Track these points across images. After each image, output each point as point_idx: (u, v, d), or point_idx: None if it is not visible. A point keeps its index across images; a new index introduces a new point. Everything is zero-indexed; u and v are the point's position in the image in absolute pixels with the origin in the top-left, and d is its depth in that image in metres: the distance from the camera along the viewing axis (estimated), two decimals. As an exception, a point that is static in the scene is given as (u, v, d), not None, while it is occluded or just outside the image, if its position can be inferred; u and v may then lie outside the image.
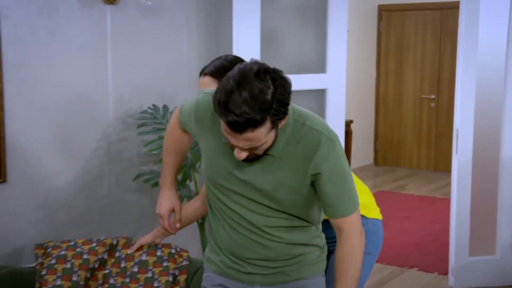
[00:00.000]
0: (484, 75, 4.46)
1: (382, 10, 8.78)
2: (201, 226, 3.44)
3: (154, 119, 3.34)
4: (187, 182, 3.37)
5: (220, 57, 2.50)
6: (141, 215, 3.53)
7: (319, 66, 4.02)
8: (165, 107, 3.41)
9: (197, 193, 3.39)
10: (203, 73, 2.48)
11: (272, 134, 1.86)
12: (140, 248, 2.69)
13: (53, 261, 2.58)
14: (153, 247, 2.70)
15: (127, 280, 2.67)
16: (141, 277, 2.67)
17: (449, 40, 8.28)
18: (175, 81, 3.63)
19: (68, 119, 3.12)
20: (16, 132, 2.89)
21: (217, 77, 2.43)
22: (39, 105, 2.99)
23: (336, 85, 4.03)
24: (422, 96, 8.66)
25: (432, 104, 8.59)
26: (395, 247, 5.58)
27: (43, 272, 2.55)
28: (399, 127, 8.87)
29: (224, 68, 2.42)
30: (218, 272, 2.18)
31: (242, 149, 1.89)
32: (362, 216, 2.40)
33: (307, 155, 1.96)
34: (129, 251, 2.69)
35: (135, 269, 2.67)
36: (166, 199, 2.34)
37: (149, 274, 2.66)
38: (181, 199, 3.20)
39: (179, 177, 3.30)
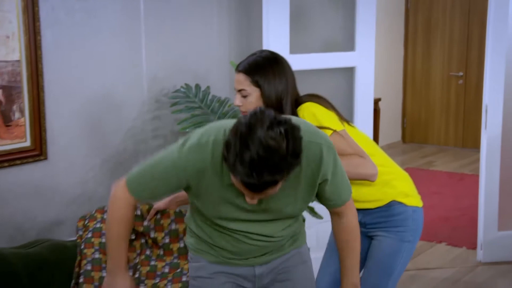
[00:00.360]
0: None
1: (410, -12, 8.65)
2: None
3: (186, 98, 3.35)
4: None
5: (254, 53, 2.42)
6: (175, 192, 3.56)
7: (348, 44, 3.99)
8: (197, 86, 3.42)
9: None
10: (237, 69, 2.39)
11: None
12: (167, 215, 2.68)
13: (90, 235, 2.59)
14: (178, 214, 2.69)
15: (161, 252, 2.69)
16: (174, 247, 2.68)
17: (477, 17, 8.14)
18: (206, 61, 3.64)
19: (104, 98, 3.15)
20: (55, 112, 2.93)
21: (250, 74, 2.35)
22: (76, 86, 3.02)
23: (365, 63, 4.00)
24: (450, 73, 8.54)
25: (460, 81, 8.48)
26: (424, 222, 5.55)
27: (82, 246, 2.59)
28: (427, 104, 8.78)
29: (257, 65, 2.35)
30: (216, 262, 2.16)
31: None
32: (401, 203, 2.39)
33: (313, 169, 1.96)
34: (146, 222, 2.64)
35: (167, 240, 2.68)
36: (124, 282, 2.10)
37: (181, 244, 2.67)
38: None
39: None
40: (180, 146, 1.93)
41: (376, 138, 7.39)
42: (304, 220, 2.29)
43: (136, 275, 2.63)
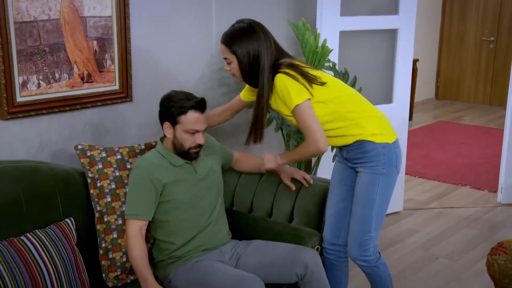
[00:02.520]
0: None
1: (450, -40, 8.32)
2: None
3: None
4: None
5: (233, 25, 2.47)
6: (237, 132, 3.61)
7: (392, 8, 3.92)
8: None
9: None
10: (220, 41, 2.47)
11: None
12: None
13: (100, 165, 2.47)
14: None
15: None
16: None
17: (511, -13, 7.81)
18: (266, 21, 3.47)
19: (179, 50, 3.19)
20: (140, 61, 2.98)
21: (227, 44, 2.42)
22: (157, 39, 3.06)
23: (406, 26, 3.93)
24: (482, 38, 8.27)
25: (491, 46, 8.21)
26: (451, 167, 5.51)
27: (96, 176, 2.47)
28: (459, 65, 8.55)
29: (232, 35, 2.41)
30: (201, 255, 2.40)
31: (202, 134, 2.39)
32: (371, 141, 2.40)
33: (216, 151, 2.61)
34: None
35: None
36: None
37: None
38: (271, 119, 3.25)
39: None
40: (134, 168, 2.37)
41: (412, 94, 7.27)
42: None
43: None
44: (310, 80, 2.38)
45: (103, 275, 2.42)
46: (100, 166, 2.48)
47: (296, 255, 2.35)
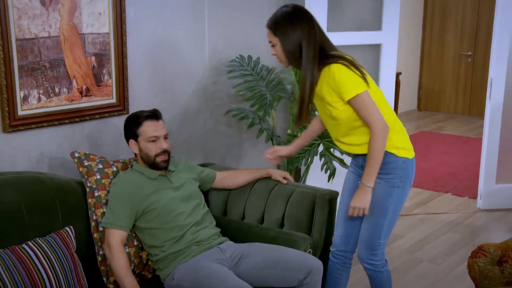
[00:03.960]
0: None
1: (429, -21, 8.42)
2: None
3: (240, 66, 3.37)
4: (267, 117, 3.42)
5: (277, 9, 2.38)
6: (230, 143, 3.62)
7: (376, 24, 3.95)
8: (250, 57, 3.44)
9: (274, 127, 3.45)
10: (266, 25, 2.39)
11: None
12: None
13: (98, 176, 2.46)
14: None
15: None
16: None
17: (486, 3, 7.92)
18: (257, 36, 3.64)
19: (174, 65, 3.20)
20: (136, 76, 2.98)
21: (271, 28, 2.34)
22: (152, 55, 3.06)
23: (389, 41, 3.96)
24: (461, 52, 8.35)
25: (469, 60, 8.29)
26: (434, 175, 5.53)
27: (94, 186, 2.45)
28: (440, 78, 8.62)
29: (275, 19, 2.33)
30: (196, 255, 2.40)
31: (164, 139, 2.48)
32: (392, 154, 2.35)
33: (192, 171, 2.66)
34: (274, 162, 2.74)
35: None
36: None
37: None
38: (262, 130, 3.26)
39: (261, 114, 3.35)
40: (113, 184, 2.43)
41: (396, 106, 7.31)
42: None
43: None
44: (363, 77, 2.31)
45: (104, 279, 2.42)
46: (98, 176, 2.47)
47: (302, 260, 2.33)
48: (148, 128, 2.45)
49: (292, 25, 2.29)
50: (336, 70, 2.27)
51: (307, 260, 2.34)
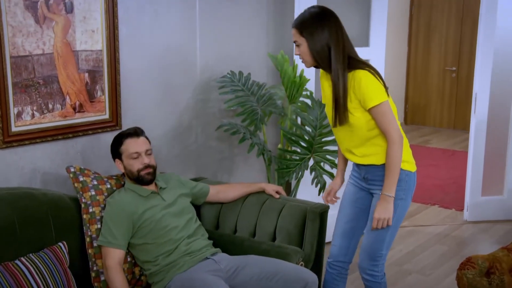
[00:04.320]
0: (500, 47, 4.35)
1: (414, -4, 8.55)
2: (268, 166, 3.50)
3: (231, 82, 3.38)
4: (258, 132, 3.43)
5: (305, 11, 2.35)
6: (221, 158, 3.62)
7: (364, 41, 3.99)
8: (240, 73, 3.45)
9: (265, 142, 3.46)
10: (292, 26, 2.36)
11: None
12: None
13: (93, 192, 2.45)
14: None
15: None
16: None
17: (469, 20, 8.03)
18: (248, 53, 3.67)
19: (166, 82, 3.20)
20: (128, 92, 2.98)
21: (298, 28, 2.31)
22: (145, 71, 3.07)
23: (377, 57, 4.00)
24: (446, 67, 8.44)
25: (453, 75, 8.38)
26: (421, 188, 5.56)
27: (89, 202, 2.44)
28: (425, 92, 8.70)
29: (303, 20, 2.31)
30: (190, 266, 2.40)
31: (147, 155, 2.49)
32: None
33: (184, 186, 2.66)
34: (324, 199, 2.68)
35: None
36: None
37: None
38: (253, 145, 3.26)
39: (252, 128, 3.36)
40: (108, 203, 2.42)
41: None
42: None
43: None
44: (385, 87, 2.32)
45: (97, 295, 2.39)
46: (93, 192, 2.46)
47: (298, 273, 2.33)
48: (129, 146, 2.48)
49: (321, 26, 2.27)
50: (363, 76, 2.26)
51: (303, 273, 2.34)
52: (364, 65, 2.30)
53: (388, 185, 2.31)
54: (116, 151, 2.52)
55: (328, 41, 2.28)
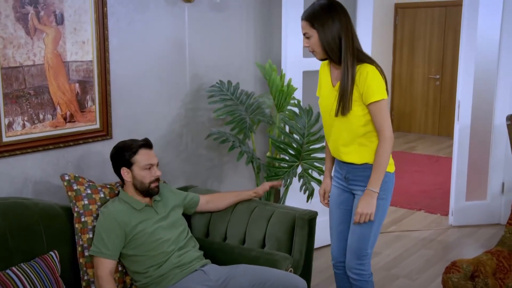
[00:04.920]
0: (481, 57, 4.40)
1: (398, 8, 8.61)
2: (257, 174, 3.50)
3: (220, 91, 3.37)
4: (246, 140, 3.42)
5: (314, 3, 2.34)
6: (211, 166, 3.61)
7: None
8: (229, 82, 3.45)
9: (254, 150, 3.45)
10: (301, 18, 2.35)
11: None
12: None
13: (86, 201, 2.42)
14: None
15: None
16: None
17: (452, 31, 8.12)
18: (236, 62, 3.67)
19: (156, 91, 3.19)
20: (119, 101, 2.97)
21: (308, 20, 2.31)
22: (135, 81, 3.06)
23: (362, 66, 4.00)
24: (429, 76, 8.51)
25: (437, 83, 8.45)
26: (407, 194, 5.58)
27: (81, 211, 2.42)
28: (410, 100, 8.76)
29: (313, 11, 2.30)
30: (180, 278, 2.38)
31: (157, 167, 2.47)
32: None
33: (176, 197, 2.63)
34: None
35: None
36: None
37: None
38: (242, 153, 3.26)
39: (241, 137, 3.36)
40: (101, 213, 2.38)
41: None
42: None
43: None
44: (386, 86, 2.33)
45: (88, 304, 2.36)
46: (86, 202, 2.43)
47: (288, 280, 2.32)
48: (143, 157, 2.44)
49: (331, 17, 2.27)
50: (370, 71, 2.27)
51: (292, 280, 2.33)
52: (371, 60, 2.33)
53: (373, 181, 2.32)
54: (126, 160, 2.44)
55: (339, 32, 2.28)
